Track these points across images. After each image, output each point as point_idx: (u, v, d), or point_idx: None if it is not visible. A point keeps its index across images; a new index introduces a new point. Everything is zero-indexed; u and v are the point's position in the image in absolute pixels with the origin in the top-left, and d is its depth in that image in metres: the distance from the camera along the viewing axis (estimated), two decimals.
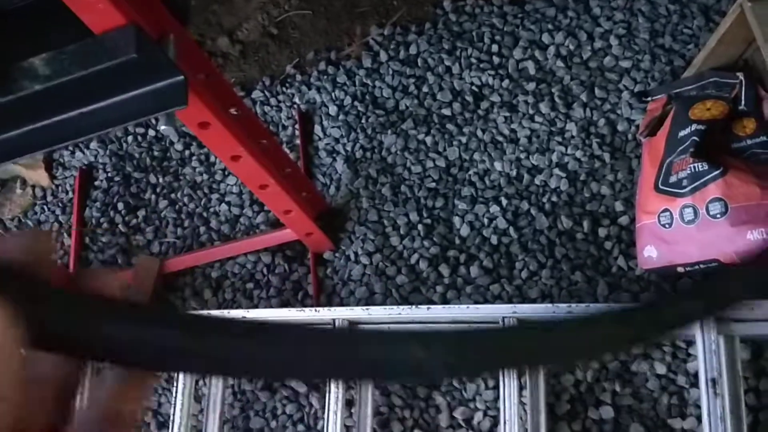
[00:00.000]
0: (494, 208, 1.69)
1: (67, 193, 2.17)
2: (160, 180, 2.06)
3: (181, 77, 1.14)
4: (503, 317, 1.42)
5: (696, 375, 1.43)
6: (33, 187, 2.24)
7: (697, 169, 1.40)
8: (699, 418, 1.40)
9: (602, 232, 1.60)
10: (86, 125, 1.16)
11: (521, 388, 1.40)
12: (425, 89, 1.89)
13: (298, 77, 2.06)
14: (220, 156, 1.42)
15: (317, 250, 1.81)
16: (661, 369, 1.46)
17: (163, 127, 1.15)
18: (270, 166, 1.50)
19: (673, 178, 1.44)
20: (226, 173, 2.00)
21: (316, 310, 1.51)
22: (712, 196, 1.38)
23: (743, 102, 1.47)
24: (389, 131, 1.88)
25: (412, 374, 0.36)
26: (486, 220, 1.70)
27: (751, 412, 1.38)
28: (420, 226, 1.74)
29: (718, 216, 1.37)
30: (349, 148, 1.90)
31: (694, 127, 1.45)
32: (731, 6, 1.43)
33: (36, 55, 1.06)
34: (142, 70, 1.11)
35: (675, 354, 1.47)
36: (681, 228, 1.42)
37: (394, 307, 1.47)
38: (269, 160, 1.50)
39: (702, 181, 1.39)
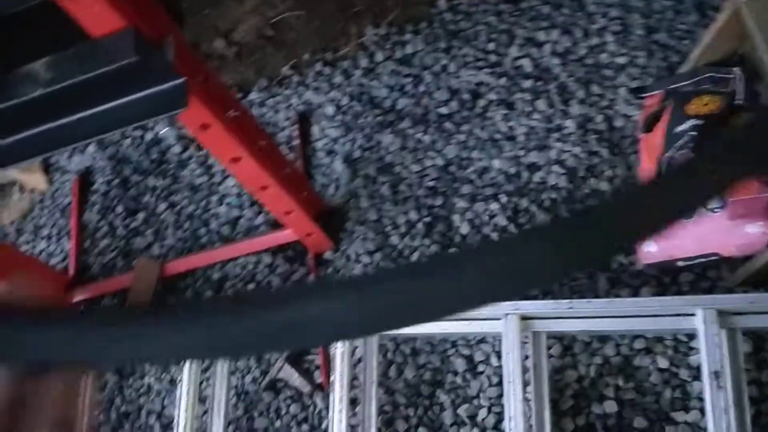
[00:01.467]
0: (494, 206, 1.70)
1: (65, 197, 2.17)
2: (159, 183, 2.06)
3: (182, 79, 1.15)
4: (506, 314, 1.42)
5: (698, 368, 1.44)
6: (31, 191, 2.24)
7: None
8: (702, 411, 1.40)
9: None
10: (87, 129, 1.16)
11: (525, 384, 1.41)
12: (422, 88, 1.90)
13: (295, 78, 2.07)
14: (220, 158, 1.42)
15: (318, 250, 1.81)
16: (663, 363, 1.46)
17: (164, 130, 1.15)
18: (270, 167, 1.50)
19: None
20: (225, 175, 2.00)
21: None
22: None
23: (739, 96, 1.48)
24: (387, 131, 1.88)
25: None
26: (486, 218, 1.70)
27: (753, 404, 1.39)
28: (420, 225, 1.74)
29: (717, 210, 1.38)
30: (347, 148, 1.91)
31: (691, 122, 1.46)
32: (726, 1, 1.44)
33: (36, 59, 1.06)
34: (142, 74, 1.12)
35: (677, 348, 1.47)
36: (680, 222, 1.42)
37: None
38: (269, 162, 1.51)
39: None
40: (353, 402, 1.55)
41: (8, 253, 1.80)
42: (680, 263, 1.46)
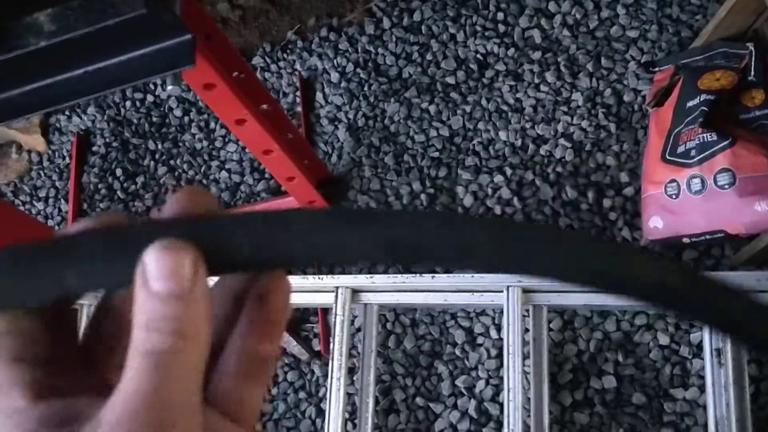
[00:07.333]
0: (498, 178, 1.68)
1: (63, 158, 2.14)
2: (159, 146, 2.03)
3: (189, 36, 1.12)
4: (507, 287, 1.41)
5: (699, 346, 1.44)
6: (29, 152, 2.21)
7: (705, 140, 1.39)
8: (701, 388, 1.41)
9: (607, 202, 1.59)
10: (91, 84, 1.13)
11: (525, 357, 1.40)
12: (429, 57, 1.87)
13: (299, 43, 2.03)
14: (225, 119, 1.40)
15: None
16: (664, 340, 1.46)
17: (170, 87, 1.13)
18: (274, 131, 1.48)
19: (680, 149, 1.43)
20: (226, 140, 1.98)
21: (319, 278, 1.50)
22: (720, 166, 1.37)
23: (752, 73, 1.46)
24: (392, 99, 1.86)
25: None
26: (490, 190, 1.69)
27: (753, 383, 1.39)
28: (423, 196, 1.73)
29: (726, 186, 1.37)
30: (351, 116, 1.88)
31: (702, 97, 1.44)
32: None
33: (41, 10, 1.03)
34: (149, 28, 1.09)
35: (678, 325, 1.47)
36: (688, 198, 1.41)
37: (398, 275, 1.46)
38: (273, 125, 1.48)
39: (710, 151, 1.38)
40: (351, 371, 1.54)
41: (5, 211, 1.78)
42: (685, 240, 1.45)
